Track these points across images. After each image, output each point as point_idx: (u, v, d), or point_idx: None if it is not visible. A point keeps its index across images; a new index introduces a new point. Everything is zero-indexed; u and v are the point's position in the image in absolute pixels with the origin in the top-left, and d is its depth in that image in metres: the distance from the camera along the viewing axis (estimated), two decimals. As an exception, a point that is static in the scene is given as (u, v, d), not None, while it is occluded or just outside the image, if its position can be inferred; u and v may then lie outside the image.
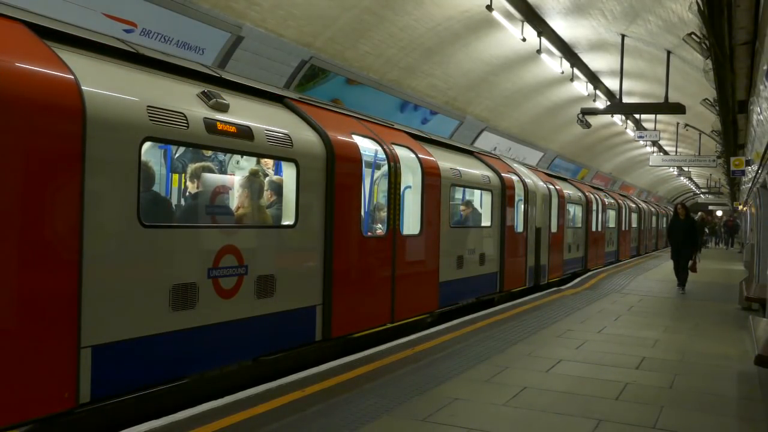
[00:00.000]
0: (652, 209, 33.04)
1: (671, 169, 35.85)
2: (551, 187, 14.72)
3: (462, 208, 10.96)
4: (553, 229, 14.58)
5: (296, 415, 4.61)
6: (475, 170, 10.57)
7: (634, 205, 27.14)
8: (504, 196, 11.25)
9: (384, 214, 7.94)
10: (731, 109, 12.39)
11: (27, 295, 3.87)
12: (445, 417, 4.68)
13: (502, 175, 11.41)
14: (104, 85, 4.48)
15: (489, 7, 10.96)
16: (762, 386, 5.88)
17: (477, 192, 11.09)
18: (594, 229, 18.95)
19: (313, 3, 10.16)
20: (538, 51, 13.44)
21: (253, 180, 6.45)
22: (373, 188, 8.38)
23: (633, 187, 40.15)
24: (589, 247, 18.41)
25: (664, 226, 35.10)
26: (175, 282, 4.84)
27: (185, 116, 4.97)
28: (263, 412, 4.65)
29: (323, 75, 11.76)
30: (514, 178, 12.03)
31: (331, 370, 5.88)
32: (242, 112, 5.67)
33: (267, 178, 6.64)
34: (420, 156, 8.53)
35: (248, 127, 5.57)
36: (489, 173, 11.03)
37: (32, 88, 3.93)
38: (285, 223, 6.16)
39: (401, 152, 8.18)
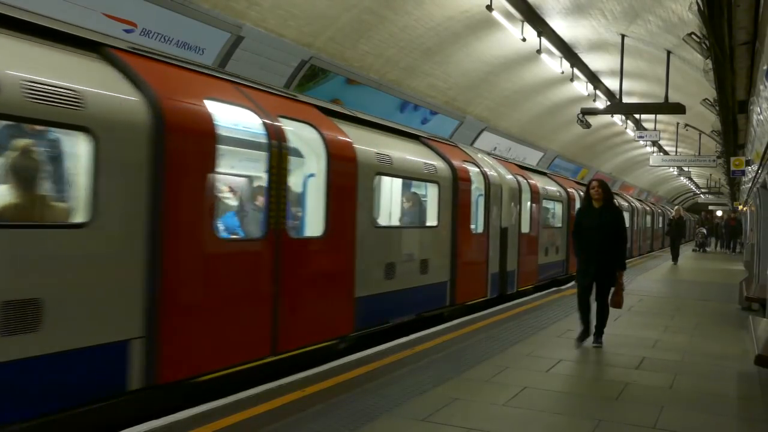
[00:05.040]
0: (647, 208, 31.16)
1: (671, 169, 35.82)
2: (522, 180, 12.73)
3: (397, 203, 9.07)
4: (525, 229, 12.62)
5: (296, 415, 4.60)
6: (416, 157, 8.68)
7: (626, 204, 25.14)
8: (456, 189, 9.32)
9: (261, 209, 6.06)
10: (731, 109, 12.39)
11: None
12: (445, 417, 4.68)
13: (455, 164, 9.48)
14: None
15: (489, 7, 10.96)
16: (762, 386, 5.88)
17: (418, 184, 9.21)
18: None
19: (313, 3, 10.16)
20: (538, 51, 13.43)
21: (14, 158, 4.38)
22: (245, 175, 6.78)
23: (633, 187, 40.14)
24: (572, 250, 17.50)
25: (660, 226, 33.43)
26: None
27: None
28: (263, 412, 4.65)
29: (323, 75, 11.76)
30: (472, 168, 10.19)
31: (331, 370, 5.88)
32: None
33: (31, 154, 4.47)
34: (325, 135, 6.58)
35: None
36: (436, 162, 9.08)
37: None
38: (70, 221, 4.37)
39: (295, 129, 6.34)
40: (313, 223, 6.61)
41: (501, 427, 4.56)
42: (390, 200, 8.97)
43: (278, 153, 5.85)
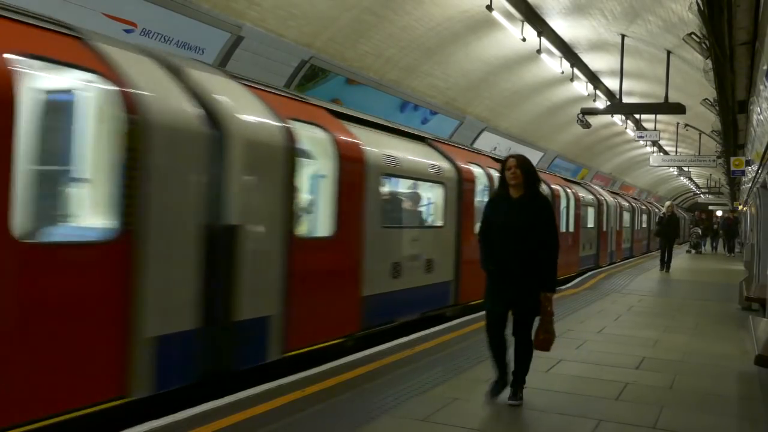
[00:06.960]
0: (625, 203, 24.09)
1: (671, 169, 35.82)
2: (312, 132, 6.58)
3: None
4: (319, 230, 6.74)
5: (296, 415, 4.60)
6: None
7: (591, 197, 18.60)
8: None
9: None
10: (731, 109, 12.39)
11: None
12: (445, 417, 4.68)
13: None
14: None
15: (489, 7, 10.96)
16: (762, 386, 5.88)
17: None
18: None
19: (313, 3, 10.16)
20: (538, 51, 13.43)
21: None
22: None
23: (633, 187, 40.18)
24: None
25: (645, 225, 28.69)
26: None
27: None
28: (263, 412, 4.65)
29: (323, 75, 11.77)
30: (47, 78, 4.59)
31: (331, 370, 5.88)
32: None
33: None
34: None
35: None
36: None
37: None
38: None
39: None
40: None
41: (501, 427, 4.56)
42: None
43: None
